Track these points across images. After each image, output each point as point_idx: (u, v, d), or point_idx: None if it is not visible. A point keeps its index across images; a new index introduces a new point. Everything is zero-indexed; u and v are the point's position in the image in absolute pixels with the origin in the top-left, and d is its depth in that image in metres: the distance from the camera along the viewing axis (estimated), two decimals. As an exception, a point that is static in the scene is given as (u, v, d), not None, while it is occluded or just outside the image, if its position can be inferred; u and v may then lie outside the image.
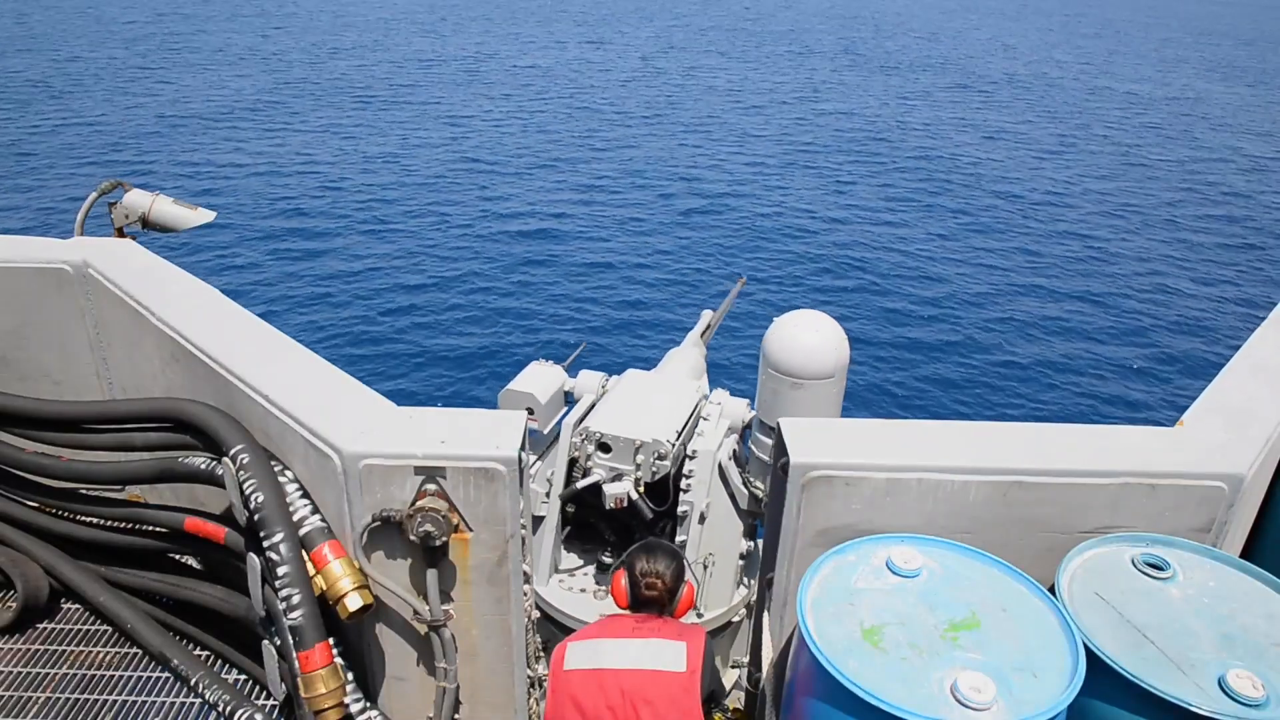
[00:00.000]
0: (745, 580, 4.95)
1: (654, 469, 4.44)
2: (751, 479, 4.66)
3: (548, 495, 4.73)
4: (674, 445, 4.44)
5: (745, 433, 4.95)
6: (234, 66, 37.14)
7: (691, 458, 4.57)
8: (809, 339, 4.21)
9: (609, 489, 4.44)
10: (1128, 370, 15.24)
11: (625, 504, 4.45)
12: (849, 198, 23.77)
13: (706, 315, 6.42)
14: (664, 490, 4.62)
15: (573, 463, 4.60)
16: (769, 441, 4.33)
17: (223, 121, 28.20)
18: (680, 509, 4.58)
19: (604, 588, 4.83)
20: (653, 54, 48.26)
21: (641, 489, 4.48)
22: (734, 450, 4.73)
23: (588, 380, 5.14)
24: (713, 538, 4.62)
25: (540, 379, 4.99)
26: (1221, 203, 25.14)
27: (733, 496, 4.69)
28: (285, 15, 52.65)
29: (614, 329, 15.75)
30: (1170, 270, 19.68)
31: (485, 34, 52.67)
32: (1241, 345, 3.67)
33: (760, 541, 4.48)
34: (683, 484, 4.58)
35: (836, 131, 31.31)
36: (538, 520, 4.71)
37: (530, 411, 4.83)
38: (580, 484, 4.54)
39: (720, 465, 4.61)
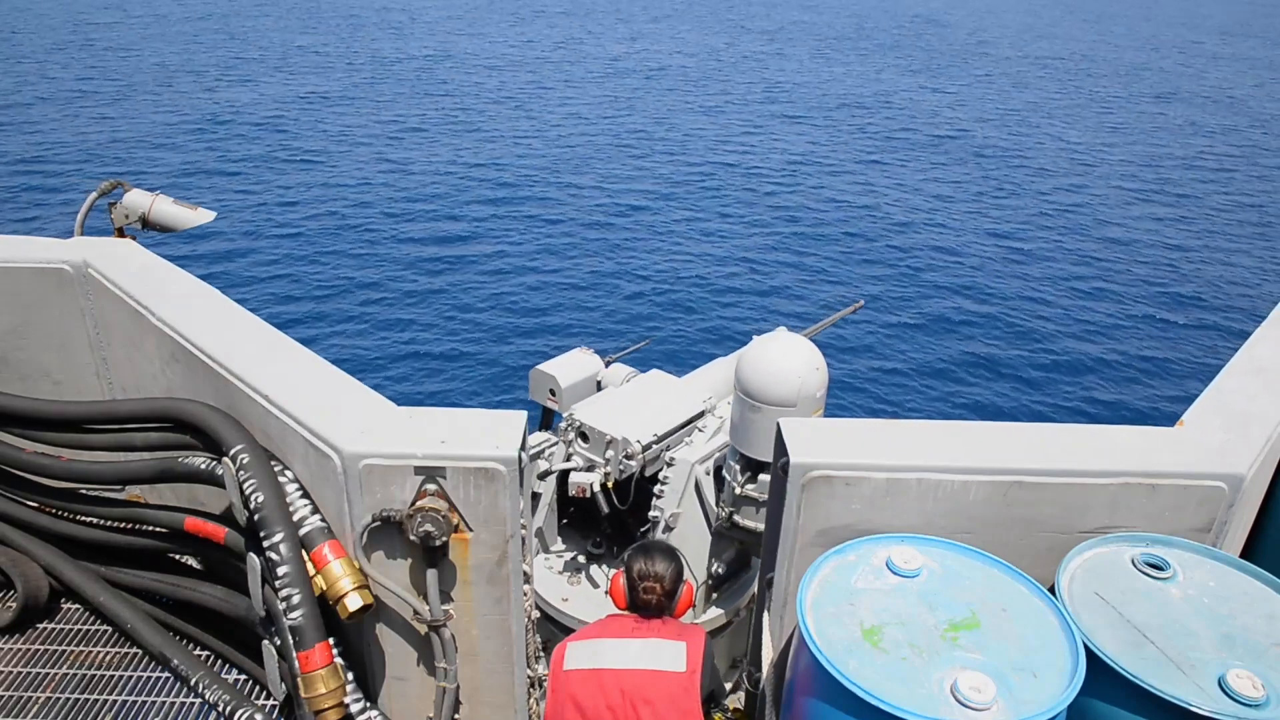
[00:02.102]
0: (706, 600, 4.79)
1: (621, 467, 4.46)
2: (722, 500, 4.47)
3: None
4: (644, 447, 4.44)
5: None
6: (234, 67, 37.12)
7: (670, 465, 4.55)
8: (775, 361, 3.95)
9: (575, 477, 4.52)
10: (1128, 370, 15.24)
11: (587, 494, 4.50)
12: (897, 195, 23.76)
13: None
14: (630, 490, 4.64)
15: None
16: (737, 466, 4.27)
17: (223, 121, 28.20)
18: (651, 514, 4.59)
19: (578, 573, 4.86)
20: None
21: (610, 484, 4.50)
22: (719, 466, 4.64)
23: (615, 373, 5.19)
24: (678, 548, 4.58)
25: (570, 364, 5.07)
26: (1221, 202, 25.13)
27: (706, 515, 4.63)
28: (288, 15, 52.63)
29: (686, 334, 15.61)
30: (1170, 270, 19.69)
31: (553, 27, 52.35)
32: (1241, 345, 3.67)
33: (759, 557, 4.46)
34: (656, 490, 4.58)
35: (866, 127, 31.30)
36: (536, 498, 4.77)
37: (552, 393, 4.97)
38: (556, 466, 4.62)
39: (697, 479, 4.56)
